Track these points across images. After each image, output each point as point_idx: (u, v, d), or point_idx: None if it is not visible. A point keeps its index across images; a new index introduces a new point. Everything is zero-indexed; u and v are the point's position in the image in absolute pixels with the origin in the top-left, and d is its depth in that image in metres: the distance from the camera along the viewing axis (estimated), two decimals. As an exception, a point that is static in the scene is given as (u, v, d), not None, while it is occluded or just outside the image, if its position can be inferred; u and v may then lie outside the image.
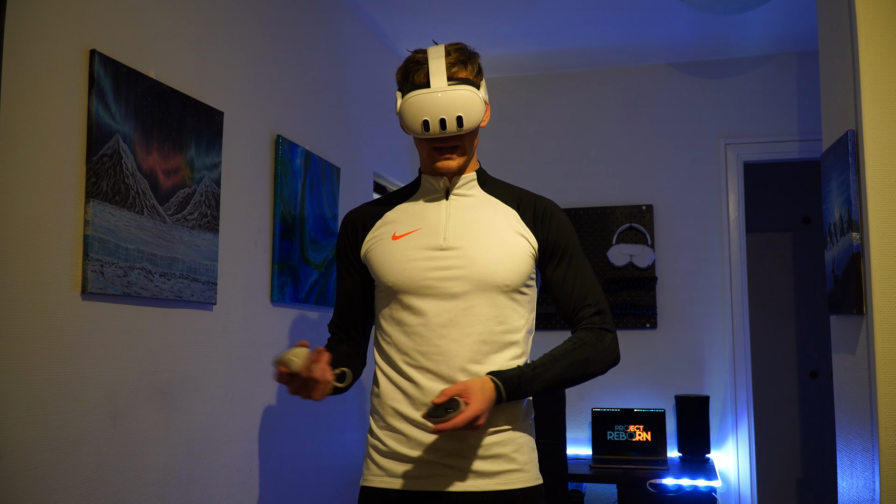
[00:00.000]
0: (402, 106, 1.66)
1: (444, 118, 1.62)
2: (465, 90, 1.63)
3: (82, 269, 1.70)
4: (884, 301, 1.94)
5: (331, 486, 2.90)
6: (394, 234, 1.72)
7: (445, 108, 1.62)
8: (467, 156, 1.72)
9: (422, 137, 1.67)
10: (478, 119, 1.65)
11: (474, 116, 1.64)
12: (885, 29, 2.01)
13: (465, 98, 1.63)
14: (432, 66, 1.65)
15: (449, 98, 1.62)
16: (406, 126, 1.67)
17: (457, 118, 1.62)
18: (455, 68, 1.66)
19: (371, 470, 1.69)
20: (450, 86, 1.63)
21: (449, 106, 1.62)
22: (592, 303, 1.70)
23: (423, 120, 1.63)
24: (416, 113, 1.63)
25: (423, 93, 1.63)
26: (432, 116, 1.62)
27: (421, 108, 1.63)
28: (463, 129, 1.64)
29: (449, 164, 1.69)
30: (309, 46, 2.92)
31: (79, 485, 1.69)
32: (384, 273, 1.69)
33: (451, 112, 1.62)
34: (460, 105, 1.62)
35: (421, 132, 1.64)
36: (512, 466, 1.64)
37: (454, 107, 1.62)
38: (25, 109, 1.58)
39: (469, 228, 1.69)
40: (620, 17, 3.53)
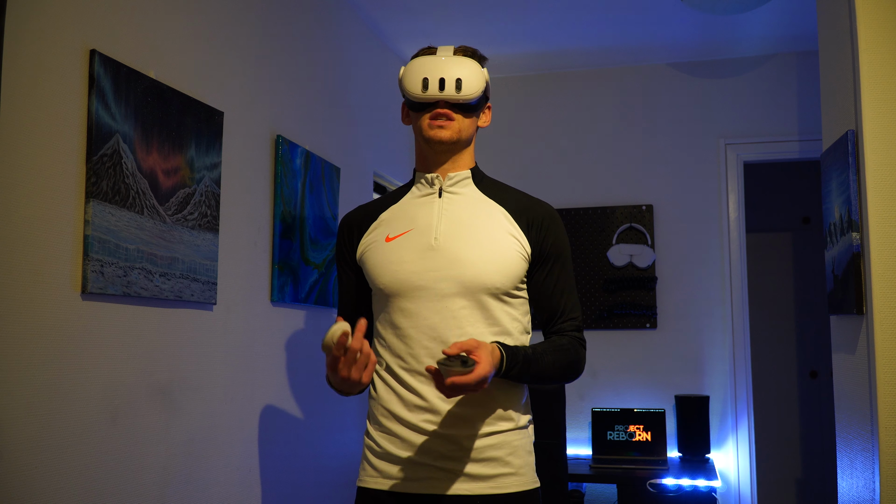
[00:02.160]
0: (404, 70, 1.70)
1: (443, 78, 1.65)
2: (469, 60, 1.68)
3: (82, 269, 1.70)
4: (884, 301, 1.94)
5: (330, 486, 2.90)
6: (387, 235, 1.72)
7: (447, 69, 1.66)
8: (461, 135, 1.70)
9: (416, 100, 1.67)
10: (477, 88, 1.67)
11: (474, 84, 1.66)
12: (885, 29, 2.01)
13: (467, 64, 1.67)
14: (440, 49, 1.71)
15: (451, 61, 1.67)
16: (406, 89, 1.68)
17: (456, 80, 1.65)
18: (460, 52, 1.71)
19: (367, 471, 1.69)
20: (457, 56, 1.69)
21: (450, 67, 1.66)
22: (575, 317, 1.73)
23: (423, 77, 1.66)
24: (418, 72, 1.67)
25: (427, 56, 1.69)
26: (433, 76, 1.65)
27: (422, 67, 1.67)
28: (461, 95, 1.65)
29: (441, 132, 1.67)
30: (309, 46, 2.92)
31: (79, 485, 1.69)
32: (377, 276, 1.70)
33: (452, 73, 1.65)
34: (462, 69, 1.66)
35: (420, 91, 1.66)
36: (506, 470, 1.63)
37: (455, 69, 1.66)
38: (25, 109, 1.58)
39: (460, 229, 1.68)
40: (620, 17, 3.53)
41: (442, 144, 1.69)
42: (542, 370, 1.62)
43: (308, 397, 2.75)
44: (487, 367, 1.47)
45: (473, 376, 1.44)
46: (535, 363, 1.60)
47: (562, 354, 1.66)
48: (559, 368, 1.65)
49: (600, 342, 4.00)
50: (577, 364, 1.69)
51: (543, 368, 1.62)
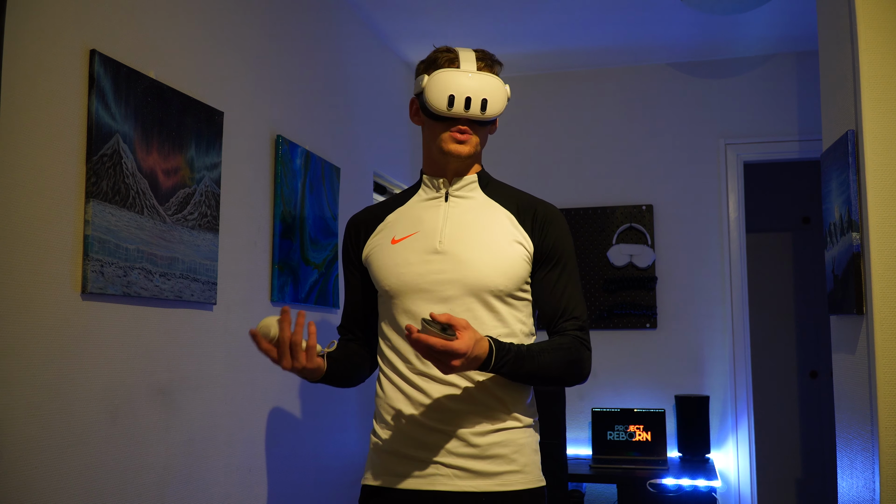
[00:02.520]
0: (429, 81, 1.66)
1: (469, 97, 1.63)
2: (494, 78, 1.67)
3: (82, 269, 1.70)
4: (884, 301, 1.94)
5: (331, 485, 2.90)
6: (393, 237, 1.73)
7: (473, 89, 1.64)
8: (477, 150, 1.72)
9: (442, 115, 1.66)
10: (500, 109, 1.67)
11: (498, 105, 1.67)
12: (885, 29, 2.01)
13: (493, 84, 1.66)
14: (462, 54, 1.69)
15: (478, 80, 1.65)
16: (430, 102, 1.65)
17: (482, 101, 1.64)
18: (482, 63, 1.69)
19: (373, 468, 1.70)
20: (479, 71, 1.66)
21: (477, 87, 1.64)
22: (578, 316, 1.69)
23: (450, 95, 1.64)
24: (444, 88, 1.64)
25: (454, 70, 1.66)
26: (459, 93, 1.63)
27: (449, 83, 1.64)
28: (485, 115, 1.65)
29: (461, 148, 1.68)
30: (309, 46, 2.92)
31: (79, 485, 1.69)
32: (382, 277, 1.70)
33: (478, 93, 1.64)
34: (488, 89, 1.65)
35: (445, 108, 1.64)
36: (512, 468, 1.64)
37: (482, 89, 1.65)
38: (25, 109, 1.58)
39: (465, 232, 1.68)
40: (620, 17, 3.53)
41: (460, 159, 1.71)
42: (537, 369, 1.58)
43: (308, 397, 2.75)
44: (464, 346, 1.43)
45: (443, 343, 1.41)
46: (528, 360, 1.56)
47: (561, 354, 1.62)
48: (558, 368, 1.61)
49: (600, 342, 4.00)
50: (578, 365, 1.64)
51: (539, 367, 1.58)
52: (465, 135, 1.68)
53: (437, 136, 1.70)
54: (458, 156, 1.69)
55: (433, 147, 1.73)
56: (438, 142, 1.70)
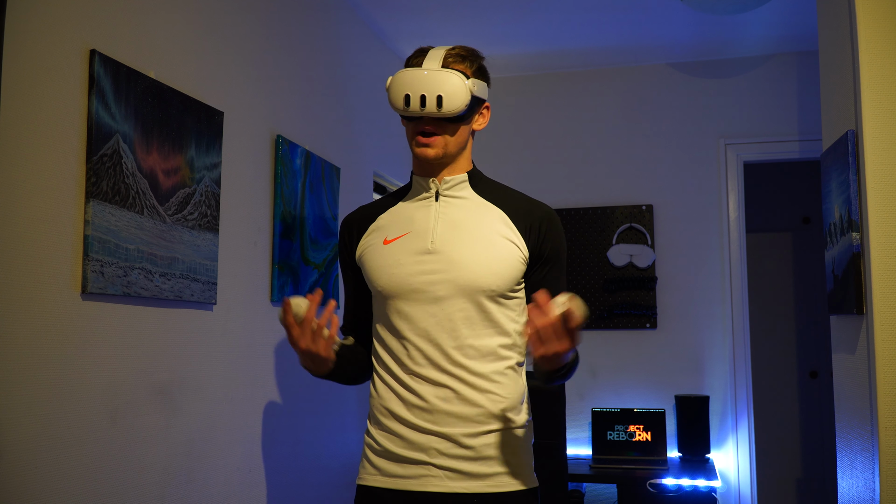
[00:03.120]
0: (389, 82, 1.67)
1: (424, 94, 1.62)
2: (450, 73, 1.64)
3: (82, 269, 1.70)
4: (884, 301, 1.94)
5: (331, 486, 2.90)
6: (385, 238, 1.73)
7: (428, 86, 1.63)
8: (448, 149, 1.70)
9: (401, 114, 1.68)
10: (459, 104, 1.63)
11: (456, 100, 1.63)
12: (885, 29, 2.01)
13: (449, 80, 1.63)
14: (431, 53, 1.68)
15: (433, 76, 1.63)
16: (391, 103, 1.67)
17: (437, 97, 1.62)
18: (451, 59, 1.68)
19: (366, 469, 1.71)
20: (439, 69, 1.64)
21: (432, 84, 1.63)
22: None
23: (405, 94, 1.64)
24: (400, 87, 1.65)
25: (411, 69, 1.66)
26: (414, 91, 1.63)
27: (405, 82, 1.64)
28: (441, 111, 1.63)
29: (426, 150, 1.68)
30: (309, 46, 2.92)
31: (79, 485, 1.69)
32: (375, 278, 1.70)
33: (433, 90, 1.62)
34: (443, 85, 1.63)
35: (402, 107, 1.65)
36: (504, 469, 1.64)
37: (436, 86, 1.63)
38: (25, 109, 1.58)
39: (456, 232, 1.68)
40: (620, 17, 3.53)
41: (427, 161, 1.71)
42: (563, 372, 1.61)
43: (308, 397, 2.75)
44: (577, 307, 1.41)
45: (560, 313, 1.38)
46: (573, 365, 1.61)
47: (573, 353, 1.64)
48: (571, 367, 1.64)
49: (600, 342, 4.00)
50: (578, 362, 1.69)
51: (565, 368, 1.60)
52: (430, 137, 1.68)
53: (408, 136, 1.73)
54: (424, 158, 1.69)
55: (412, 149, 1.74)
56: (412, 145, 1.72)
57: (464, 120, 1.70)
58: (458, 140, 1.71)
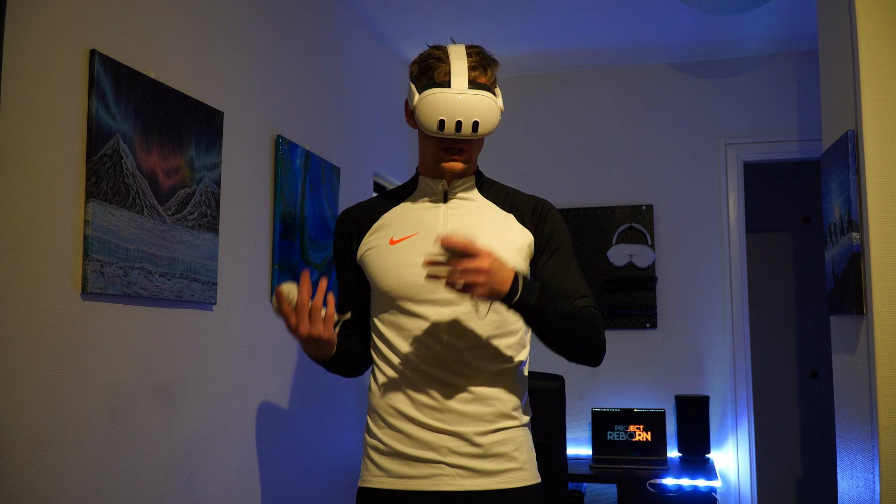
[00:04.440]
0: (419, 101, 1.63)
1: (460, 120, 1.61)
2: (485, 96, 1.62)
3: (82, 269, 1.70)
4: (884, 301, 1.94)
5: (330, 486, 2.90)
6: (391, 238, 1.72)
7: (464, 111, 1.61)
8: (472, 161, 1.72)
9: (434, 136, 1.66)
10: (493, 127, 1.64)
11: (490, 123, 1.63)
12: (885, 29, 2.01)
13: (484, 104, 1.62)
14: (454, 66, 1.63)
15: (469, 101, 1.61)
16: (421, 123, 1.64)
17: (473, 123, 1.61)
18: (476, 72, 1.65)
19: (370, 471, 1.69)
20: (470, 89, 1.62)
21: (468, 109, 1.61)
22: (587, 295, 1.69)
23: (440, 119, 1.61)
24: (434, 111, 1.61)
25: (444, 92, 1.61)
26: (449, 117, 1.60)
27: (438, 106, 1.61)
28: (477, 135, 1.63)
29: (455, 165, 1.68)
30: (309, 46, 2.92)
31: (79, 485, 1.69)
32: (382, 279, 1.69)
33: (469, 116, 1.61)
34: (479, 110, 1.61)
35: (435, 131, 1.62)
36: (513, 465, 1.65)
37: (473, 111, 1.61)
38: (25, 109, 1.58)
39: (467, 234, 1.68)
40: (620, 17, 3.53)
41: (454, 174, 1.71)
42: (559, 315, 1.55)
43: (308, 398, 2.75)
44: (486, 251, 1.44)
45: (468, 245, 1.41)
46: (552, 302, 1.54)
47: (579, 312, 1.61)
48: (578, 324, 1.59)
49: (600, 342, 4.00)
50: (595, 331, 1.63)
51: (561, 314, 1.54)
52: (459, 154, 1.68)
53: (431, 148, 1.70)
54: (451, 172, 1.70)
55: (428, 156, 1.72)
56: (433, 155, 1.70)
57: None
58: (478, 149, 1.73)
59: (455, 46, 1.68)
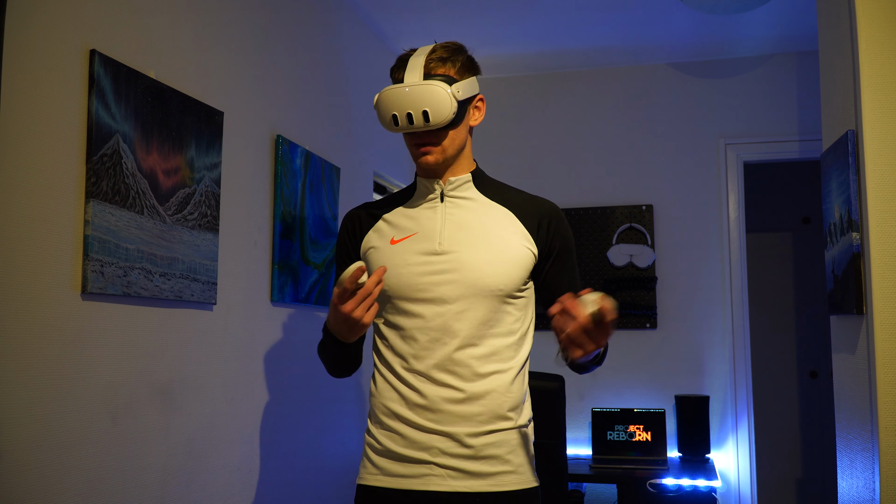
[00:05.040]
0: (376, 101, 1.69)
1: (410, 112, 1.64)
2: (433, 85, 1.63)
3: (82, 269, 1.70)
4: (884, 301, 1.94)
5: (330, 485, 2.90)
6: (392, 238, 1.73)
7: (412, 103, 1.63)
8: (447, 153, 1.70)
9: (392, 132, 1.70)
10: (445, 115, 1.64)
11: (441, 112, 1.64)
12: (885, 29, 2.01)
13: (431, 93, 1.63)
14: (411, 62, 1.67)
15: (416, 93, 1.64)
16: (381, 122, 1.69)
17: (423, 112, 1.63)
18: (433, 64, 1.67)
19: (367, 468, 1.70)
20: (422, 81, 1.64)
21: (416, 100, 1.63)
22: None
23: (392, 114, 1.65)
24: (387, 107, 1.66)
25: (393, 88, 1.66)
26: (400, 111, 1.64)
27: (390, 102, 1.65)
28: (431, 124, 1.64)
29: (427, 158, 1.70)
30: (309, 46, 2.92)
31: (79, 485, 1.69)
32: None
33: (417, 106, 1.63)
34: (426, 100, 1.63)
35: (391, 126, 1.67)
36: (506, 468, 1.64)
37: (420, 101, 1.63)
38: (25, 109, 1.58)
39: (464, 233, 1.69)
40: (620, 17, 3.53)
41: (430, 168, 1.72)
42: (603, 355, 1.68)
43: (308, 397, 2.76)
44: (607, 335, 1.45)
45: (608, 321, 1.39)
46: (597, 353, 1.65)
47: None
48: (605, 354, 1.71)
49: (600, 342, 3.99)
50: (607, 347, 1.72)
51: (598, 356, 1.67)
52: (427, 146, 1.69)
53: (408, 147, 1.75)
54: (425, 166, 1.71)
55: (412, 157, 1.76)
56: (411, 153, 1.74)
57: (457, 122, 1.70)
58: (456, 142, 1.72)
59: (425, 46, 1.71)
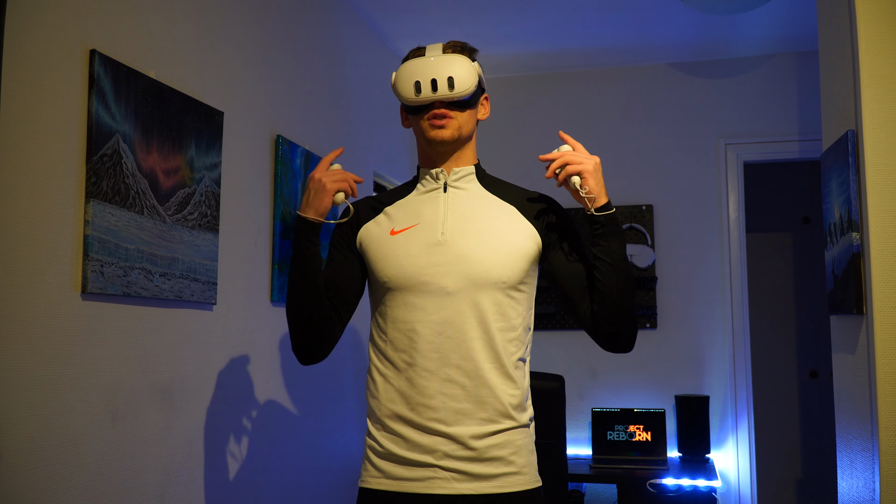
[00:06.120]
0: (396, 75, 1.69)
1: (435, 79, 1.65)
2: (458, 56, 1.68)
3: (82, 269, 1.70)
4: (884, 301, 1.94)
5: (330, 486, 2.90)
6: (392, 229, 1.71)
7: (437, 70, 1.65)
8: (462, 131, 1.70)
9: (412, 104, 1.68)
10: (470, 84, 1.66)
11: (466, 80, 1.66)
12: (885, 29, 2.01)
13: (457, 62, 1.66)
14: (429, 47, 1.71)
15: (441, 61, 1.66)
16: (400, 94, 1.69)
17: (448, 79, 1.65)
18: (450, 50, 1.71)
19: (369, 471, 1.69)
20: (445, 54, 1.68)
21: (441, 68, 1.65)
22: None
23: (416, 81, 1.66)
24: (409, 76, 1.67)
25: (416, 59, 1.69)
26: (424, 77, 1.65)
27: (413, 70, 1.67)
28: (454, 93, 1.65)
29: (441, 132, 1.68)
30: (309, 46, 2.92)
31: (79, 485, 1.69)
32: (381, 269, 1.68)
33: (443, 73, 1.65)
34: (453, 67, 1.66)
35: (413, 95, 1.66)
36: (509, 469, 1.63)
37: (446, 68, 1.65)
38: (25, 109, 1.58)
39: (467, 224, 1.68)
40: (620, 17, 3.53)
41: (444, 144, 1.70)
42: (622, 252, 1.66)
43: (308, 397, 2.76)
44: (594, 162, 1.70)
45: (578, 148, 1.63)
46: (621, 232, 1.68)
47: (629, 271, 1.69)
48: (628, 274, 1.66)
49: (600, 342, 3.99)
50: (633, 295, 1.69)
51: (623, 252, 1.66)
52: (443, 119, 1.68)
53: (419, 127, 1.72)
54: (440, 140, 1.69)
55: (421, 141, 1.74)
56: (422, 132, 1.72)
57: (472, 105, 1.71)
58: (469, 125, 1.72)
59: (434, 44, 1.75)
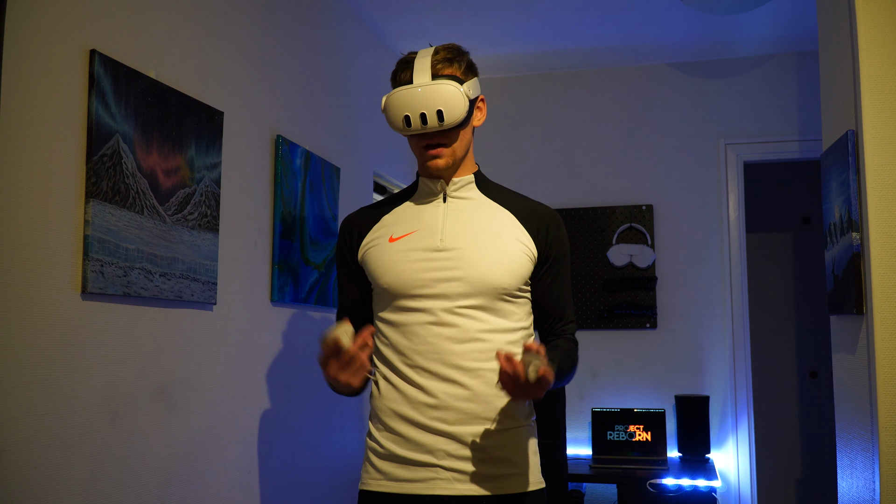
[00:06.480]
0: (385, 104, 1.67)
1: (424, 112, 1.62)
2: (445, 85, 1.63)
3: (82, 269, 1.70)
4: (884, 301, 1.94)
5: (330, 486, 2.90)
6: (391, 236, 1.72)
7: (425, 103, 1.62)
8: (457, 155, 1.71)
9: (404, 134, 1.68)
10: (459, 114, 1.64)
11: (455, 111, 1.63)
12: (885, 29, 2.01)
13: (445, 92, 1.63)
14: (417, 64, 1.66)
15: (429, 92, 1.62)
16: (391, 124, 1.68)
17: (437, 112, 1.62)
18: (440, 66, 1.66)
19: (370, 473, 1.68)
20: (432, 81, 1.63)
21: (429, 100, 1.62)
22: (573, 319, 1.79)
23: (405, 115, 1.64)
24: (398, 109, 1.64)
25: (404, 89, 1.64)
26: (413, 111, 1.63)
27: (402, 103, 1.64)
28: (444, 124, 1.63)
29: (437, 162, 1.68)
30: (309, 46, 2.92)
31: (79, 485, 1.69)
32: (381, 275, 1.69)
33: (431, 106, 1.62)
34: (440, 99, 1.62)
35: (403, 128, 1.65)
36: (512, 470, 1.63)
37: (434, 101, 1.62)
38: (25, 109, 1.58)
39: (466, 230, 1.69)
40: (620, 17, 3.53)
41: (440, 171, 1.72)
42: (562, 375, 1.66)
43: (308, 397, 2.75)
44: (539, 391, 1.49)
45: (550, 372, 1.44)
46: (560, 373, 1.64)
47: (570, 362, 1.72)
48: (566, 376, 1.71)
49: (600, 342, 4.00)
50: (576, 358, 1.76)
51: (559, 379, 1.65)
52: (438, 149, 1.68)
53: (415, 150, 1.73)
54: (436, 169, 1.70)
55: (417, 158, 1.75)
56: (418, 156, 1.73)
57: (465, 123, 1.70)
58: (464, 143, 1.72)
59: (426, 48, 1.70)
